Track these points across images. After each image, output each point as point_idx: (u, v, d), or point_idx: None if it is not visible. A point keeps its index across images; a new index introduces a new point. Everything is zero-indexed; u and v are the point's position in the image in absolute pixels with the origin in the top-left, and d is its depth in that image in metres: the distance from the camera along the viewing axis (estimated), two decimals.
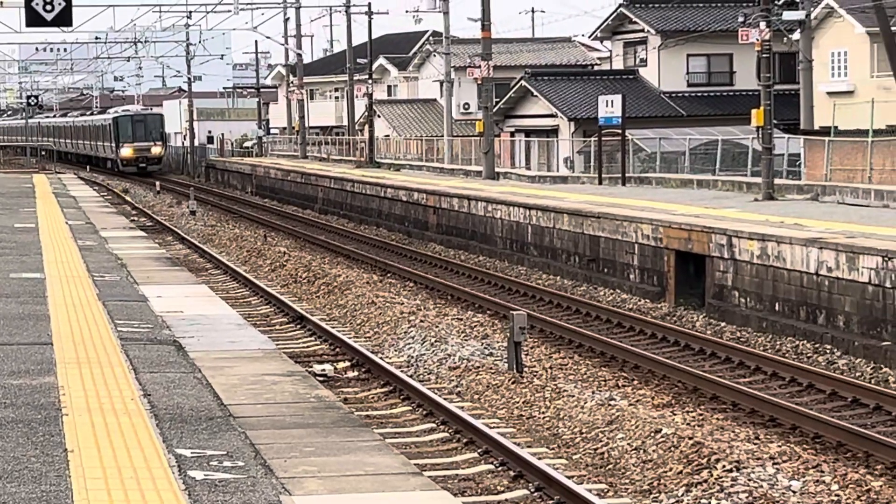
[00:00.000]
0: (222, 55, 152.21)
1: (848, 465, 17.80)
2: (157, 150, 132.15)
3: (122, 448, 11.40)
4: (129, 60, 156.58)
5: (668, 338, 27.50)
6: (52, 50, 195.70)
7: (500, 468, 17.06)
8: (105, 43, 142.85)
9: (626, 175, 55.45)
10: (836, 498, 15.54)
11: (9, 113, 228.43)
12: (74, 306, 21.40)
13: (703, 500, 15.75)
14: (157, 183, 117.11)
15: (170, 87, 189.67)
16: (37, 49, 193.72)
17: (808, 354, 25.53)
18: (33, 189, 41.82)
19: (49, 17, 25.85)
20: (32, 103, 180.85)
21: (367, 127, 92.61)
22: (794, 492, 15.70)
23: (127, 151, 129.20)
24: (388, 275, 40.63)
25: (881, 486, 15.69)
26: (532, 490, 16.10)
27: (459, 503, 10.95)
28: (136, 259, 30.40)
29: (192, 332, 18.89)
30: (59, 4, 25.65)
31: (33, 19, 26.20)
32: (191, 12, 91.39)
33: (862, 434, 18.60)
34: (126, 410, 13.31)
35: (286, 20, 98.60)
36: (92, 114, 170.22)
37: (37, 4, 25.65)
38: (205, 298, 24.42)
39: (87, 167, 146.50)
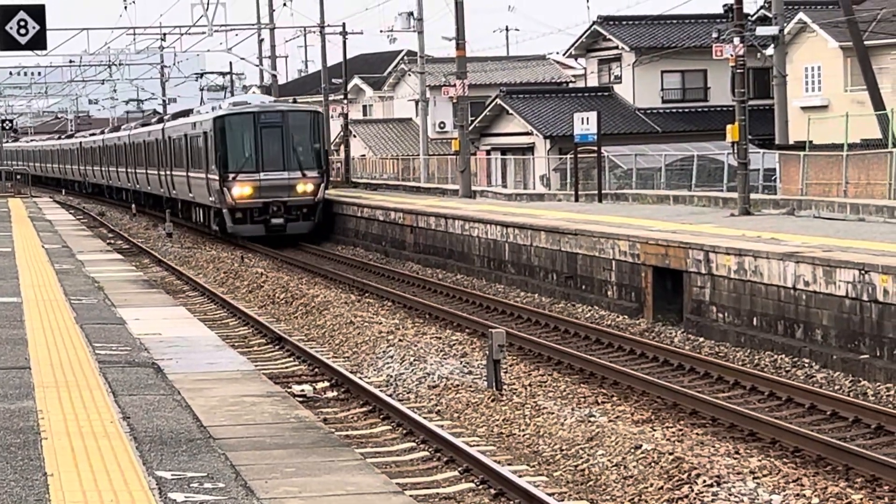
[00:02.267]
0: (196, 77, 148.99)
1: (828, 478, 17.80)
2: (307, 185, 60.30)
3: (102, 471, 11.33)
4: (103, 83, 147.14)
5: (647, 354, 27.61)
6: (26, 73, 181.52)
7: (480, 486, 17.03)
8: (79, 66, 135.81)
9: (603, 192, 56.00)
10: None
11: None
12: (52, 330, 21.34)
13: None
14: (133, 205, 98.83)
15: (144, 110, 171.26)
16: (10, 73, 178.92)
17: (787, 368, 25.66)
18: (9, 213, 42.15)
19: (23, 41, 25.91)
20: (7, 127, 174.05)
21: (342, 147, 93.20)
22: None
23: (245, 190, 58.06)
24: (366, 294, 40.82)
25: (861, 499, 15.73)
26: None
27: None
28: (114, 282, 30.44)
29: (171, 355, 18.88)
30: (34, 28, 25.75)
31: (7, 43, 26.26)
32: (165, 34, 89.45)
33: (842, 447, 18.58)
34: (105, 433, 13.26)
35: (261, 41, 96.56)
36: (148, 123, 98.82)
37: (11, 28, 25.70)
38: (183, 320, 24.38)
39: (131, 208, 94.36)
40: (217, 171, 43.67)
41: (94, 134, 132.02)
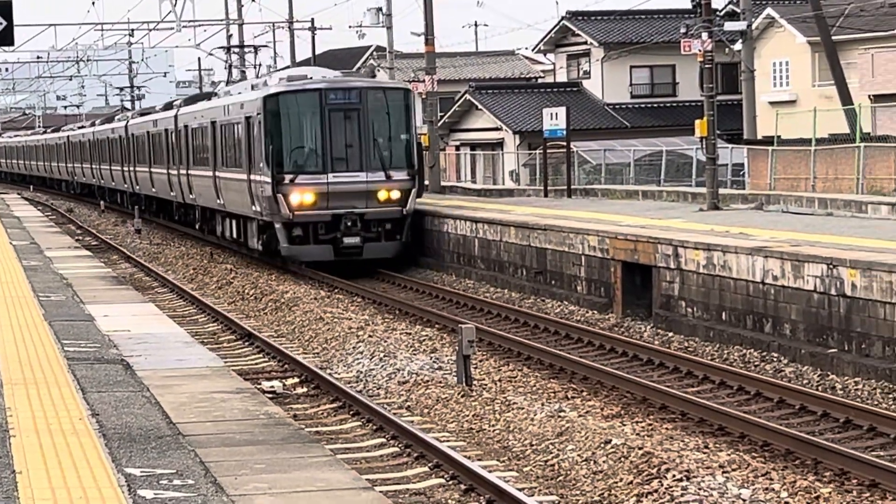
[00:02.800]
0: (165, 73, 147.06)
1: (797, 472, 17.80)
2: (393, 191, 38.70)
3: (72, 468, 11.37)
4: (71, 79, 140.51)
5: (616, 349, 27.70)
6: None
7: (450, 482, 17.13)
8: (47, 62, 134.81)
9: (572, 187, 56.16)
10: None
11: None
12: (20, 327, 21.35)
13: None
14: (102, 202, 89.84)
15: (113, 106, 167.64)
16: None
17: (756, 363, 25.82)
18: None
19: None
20: None
21: None
22: (744, 500, 15.73)
23: (307, 198, 36.33)
24: (336, 290, 40.11)
25: (830, 493, 15.81)
26: (484, 503, 16.08)
27: None
28: (82, 278, 30.48)
29: (140, 351, 18.90)
30: (0, 24, 25.67)
31: None
32: (133, 30, 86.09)
33: (810, 441, 18.72)
34: (74, 430, 13.26)
35: (229, 36, 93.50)
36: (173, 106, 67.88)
37: None
38: (152, 317, 24.41)
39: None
40: (267, 170, 28.91)
41: (82, 127, 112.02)
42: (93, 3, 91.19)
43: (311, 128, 28.01)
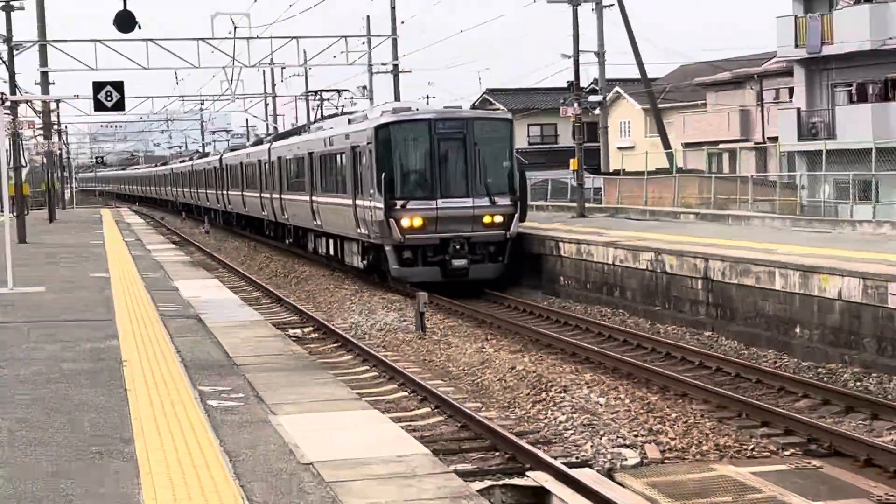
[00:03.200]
0: (226, 130, 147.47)
1: (636, 387, 18.03)
2: (497, 216, 27.59)
3: (163, 386, 11.45)
4: (162, 133, 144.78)
5: (519, 307, 27.66)
6: (111, 126, 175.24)
7: (411, 394, 17.35)
8: (147, 121, 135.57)
9: None
10: (627, 408, 15.85)
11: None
12: (131, 294, 21.11)
13: (543, 411, 16.04)
14: (183, 212, 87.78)
15: (190, 151, 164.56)
16: (101, 125, 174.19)
17: (609, 317, 25.68)
18: (101, 219, 41.71)
19: (109, 105, 25.76)
20: (100, 161, 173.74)
21: None
22: (601, 405, 15.98)
23: (416, 222, 26.43)
24: (334, 271, 39.16)
25: (656, 399, 16.13)
26: (433, 407, 16.30)
27: (386, 417, 10.98)
28: (169, 262, 29.91)
29: (208, 310, 18.75)
30: (116, 96, 25.59)
31: (99, 107, 26.06)
32: (203, 100, 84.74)
33: (643, 366, 19.09)
34: (165, 362, 13.23)
35: (266, 105, 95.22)
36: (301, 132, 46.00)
37: (101, 97, 25.55)
38: (215, 288, 24.14)
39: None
40: (379, 196, 24.17)
41: (183, 161, 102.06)
42: (177, 82, 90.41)
43: (421, 156, 22.81)
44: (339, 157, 27.90)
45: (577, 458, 13.31)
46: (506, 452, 13.44)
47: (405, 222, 21.27)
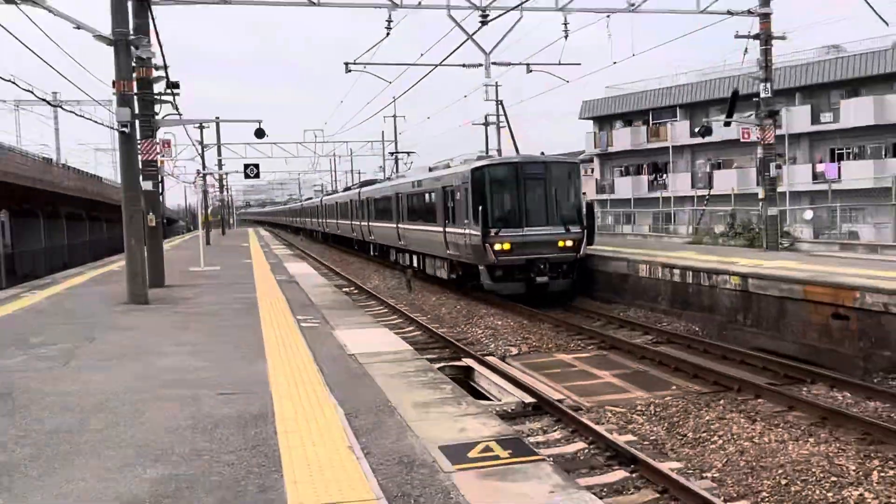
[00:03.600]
0: (314, 187, 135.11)
1: (515, 316, 17.86)
2: (569, 241, 20.55)
3: (279, 315, 11.91)
4: (281, 187, 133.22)
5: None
6: (252, 186, 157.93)
7: (403, 320, 17.73)
8: (271, 183, 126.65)
9: None
10: (512, 327, 16.25)
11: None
12: (261, 271, 21.19)
13: (470, 329, 16.56)
14: (297, 233, 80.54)
15: (296, 198, 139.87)
16: (247, 186, 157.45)
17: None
18: (249, 245, 40.16)
19: (252, 175, 27.34)
20: (247, 203, 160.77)
21: None
22: (499, 326, 16.60)
23: (506, 246, 20.35)
24: (370, 262, 38.14)
25: (526, 323, 16.65)
26: (414, 327, 16.61)
27: (390, 331, 10.90)
28: (282, 255, 30.08)
29: (301, 278, 18.83)
30: (255, 171, 27.48)
31: (247, 176, 27.80)
32: (300, 173, 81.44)
33: (519, 307, 18.63)
34: (279, 302, 13.54)
35: (332, 174, 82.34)
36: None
37: (246, 171, 27.59)
38: (305, 266, 24.12)
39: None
40: (475, 225, 21.05)
41: (293, 204, 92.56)
42: (286, 162, 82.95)
43: (510, 193, 20.08)
44: (428, 195, 24.58)
45: (486, 351, 13.82)
46: (451, 349, 13.88)
47: (497, 246, 19.29)
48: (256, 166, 28.98)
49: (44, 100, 13.26)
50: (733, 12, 16.94)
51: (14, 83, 12.77)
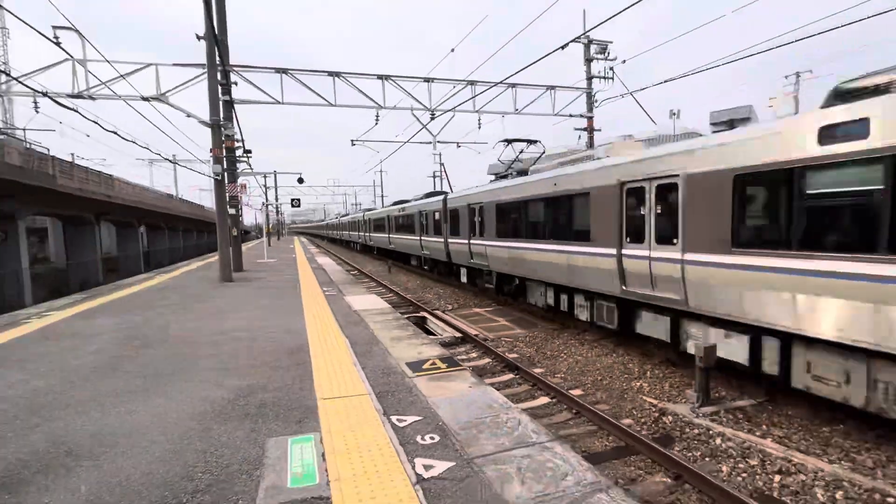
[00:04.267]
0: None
1: (454, 287, 16.11)
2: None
3: (312, 287, 11.24)
4: (313, 212, 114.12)
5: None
6: (296, 212, 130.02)
7: (386, 290, 16.33)
8: (309, 209, 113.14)
9: None
10: (453, 293, 14.73)
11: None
12: (301, 263, 19.81)
13: (426, 294, 14.91)
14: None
15: (329, 216, 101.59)
16: (295, 213, 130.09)
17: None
18: (294, 247, 36.70)
19: (296, 205, 26.51)
20: (293, 222, 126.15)
21: None
22: (441, 293, 15.29)
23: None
24: (364, 256, 34.56)
25: (460, 292, 15.17)
26: (392, 293, 15.40)
27: (377, 297, 9.70)
28: (316, 253, 28.09)
29: (326, 266, 17.43)
30: (298, 202, 26.54)
31: (292, 206, 26.97)
32: (325, 206, 74.65)
33: (456, 283, 16.08)
34: (311, 282, 12.57)
35: (381, 197, 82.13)
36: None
37: (292, 203, 26.58)
38: (331, 262, 22.26)
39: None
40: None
41: (330, 221, 68.97)
42: (316, 198, 68.60)
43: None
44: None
45: (434, 307, 12.93)
46: (413, 306, 12.98)
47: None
48: (298, 200, 28.46)
49: (167, 159, 12.86)
50: (573, 115, 17.40)
51: (148, 149, 12.39)
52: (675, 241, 5.44)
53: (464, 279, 13.74)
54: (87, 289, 18.53)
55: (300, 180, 22.39)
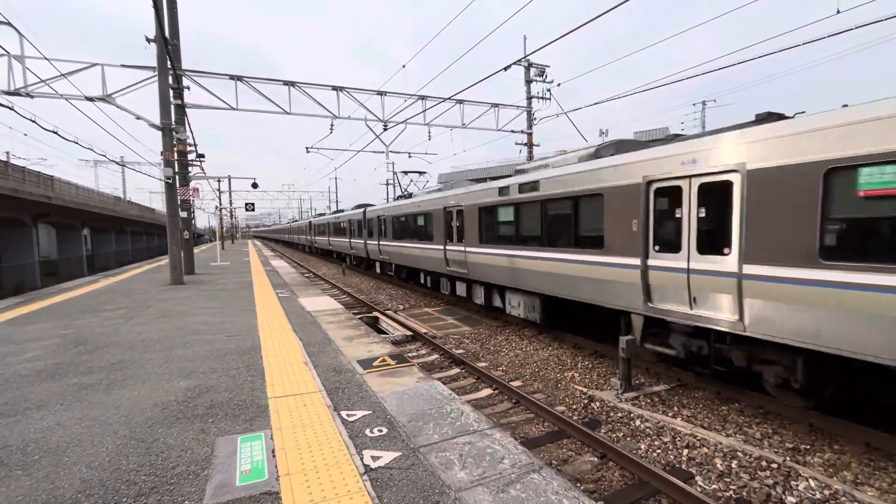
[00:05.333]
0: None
1: (406, 289, 15.83)
2: None
3: (266, 289, 11.01)
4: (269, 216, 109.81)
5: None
6: (251, 216, 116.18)
7: (340, 292, 15.92)
8: (263, 213, 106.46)
9: None
10: (405, 295, 14.57)
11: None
12: (255, 265, 19.32)
13: (378, 295, 14.59)
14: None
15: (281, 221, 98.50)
16: (249, 216, 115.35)
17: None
18: (248, 248, 35.34)
19: (250, 209, 25.16)
20: (247, 226, 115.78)
21: None
22: (394, 294, 15.15)
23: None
24: (316, 258, 34.34)
25: (413, 293, 14.97)
26: (346, 295, 15.06)
27: (331, 298, 9.62)
28: (271, 256, 27.42)
29: (280, 268, 17.05)
30: (252, 206, 24.83)
31: (246, 209, 25.74)
32: (279, 210, 76.50)
33: (411, 286, 16.21)
34: (265, 284, 12.31)
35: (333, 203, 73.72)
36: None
37: (246, 207, 25.24)
38: (284, 264, 21.73)
39: None
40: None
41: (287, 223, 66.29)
42: (271, 202, 66.22)
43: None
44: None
45: (386, 308, 12.78)
46: (366, 307, 12.82)
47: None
48: (253, 204, 27.60)
49: (114, 161, 12.03)
50: (514, 131, 17.97)
51: (92, 150, 11.48)
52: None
53: (377, 270, 16.61)
54: (23, 293, 16.85)
55: (255, 185, 21.69)
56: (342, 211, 22.76)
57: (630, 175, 4.67)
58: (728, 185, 4.02)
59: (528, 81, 15.97)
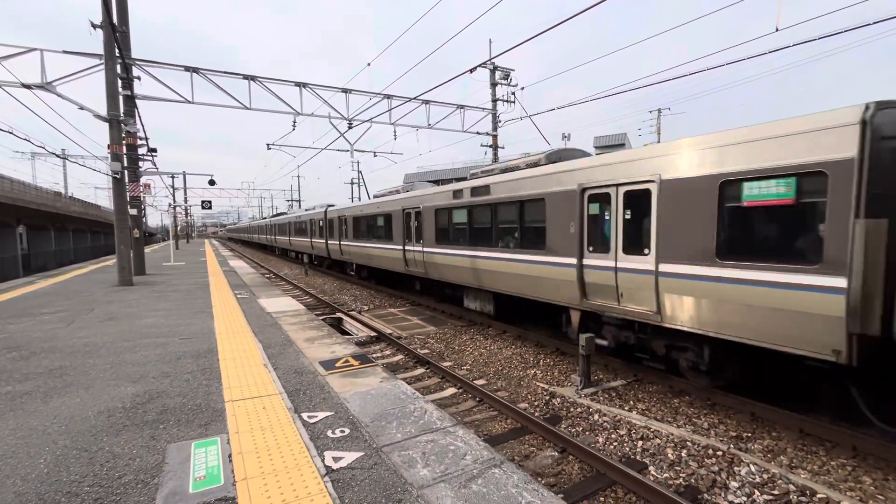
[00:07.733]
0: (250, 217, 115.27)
1: (370, 289, 15.52)
2: None
3: (223, 290, 10.81)
4: (227, 216, 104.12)
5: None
6: (207, 214, 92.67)
7: (301, 293, 15.67)
8: (221, 212, 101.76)
9: None
10: (370, 294, 14.50)
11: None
12: (213, 266, 18.82)
13: (342, 296, 14.50)
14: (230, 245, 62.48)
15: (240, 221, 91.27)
16: (206, 214, 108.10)
17: None
18: (204, 249, 34.68)
19: (207, 206, 24.05)
20: (202, 225, 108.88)
21: None
22: (358, 294, 14.95)
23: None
24: (277, 258, 34.03)
25: (377, 294, 14.80)
26: (309, 296, 14.77)
27: (293, 300, 9.40)
28: (229, 257, 26.71)
29: (238, 269, 16.70)
30: (209, 203, 23.85)
31: (203, 207, 24.63)
32: (238, 208, 72.54)
33: (374, 286, 16.01)
34: (222, 285, 12.12)
35: (298, 200, 76.00)
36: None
37: (202, 204, 24.17)
38: (243, 263, 21.30)
39: None
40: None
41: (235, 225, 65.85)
42: (230, 200, 61.12)
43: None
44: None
45: (350, 308, 12.75)
46: (329, 308, 12.74)
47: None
48: (210, 202, 26.49)
49: (54, 153, 11.12)
50: (480, 132, 18.14)
51: (28, 141, 10.61)
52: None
53: (353, 272, 16.49)
54: None
55: (212, 182, 20.89)
56: (306, 211, 22.57)
57: (569, 182, 5.10)
58: (647, 193, 4.49)
59: (494, 84, 16.14)
